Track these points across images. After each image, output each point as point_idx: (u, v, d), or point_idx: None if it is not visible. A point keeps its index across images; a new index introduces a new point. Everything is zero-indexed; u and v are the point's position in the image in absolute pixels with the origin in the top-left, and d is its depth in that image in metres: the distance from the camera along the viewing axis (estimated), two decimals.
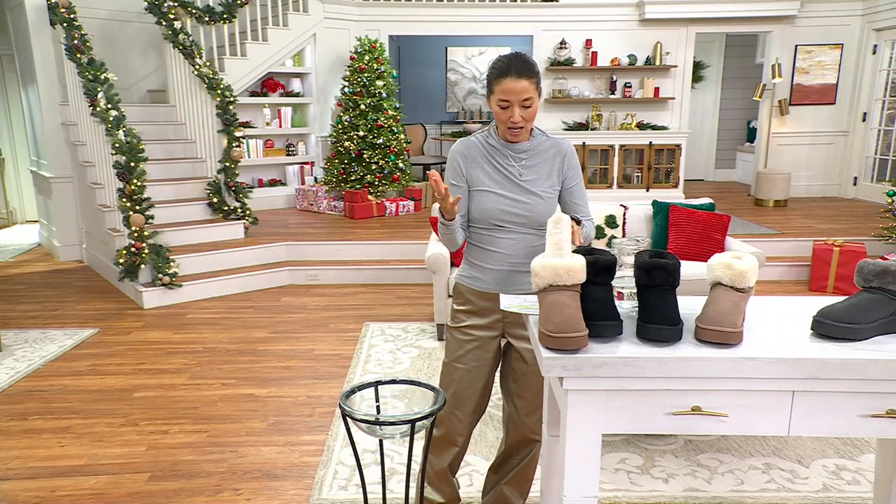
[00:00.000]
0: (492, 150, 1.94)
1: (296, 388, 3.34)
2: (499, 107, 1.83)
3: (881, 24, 7.11)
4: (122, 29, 6.73)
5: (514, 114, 1.81)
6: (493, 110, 1.87)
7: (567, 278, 1.44)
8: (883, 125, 7.41)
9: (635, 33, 7.59)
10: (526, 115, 1.83)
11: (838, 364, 1.34)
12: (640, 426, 1.45)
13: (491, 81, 1.85)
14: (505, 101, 1.81)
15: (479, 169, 1.93)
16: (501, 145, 1.93)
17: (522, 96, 1.80)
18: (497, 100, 1.83)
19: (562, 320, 1.41)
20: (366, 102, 6.75)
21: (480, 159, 1.94)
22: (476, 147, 1.96)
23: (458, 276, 2.07)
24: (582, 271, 1.45)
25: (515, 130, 1.86)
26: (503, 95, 1.80)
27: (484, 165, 1.93)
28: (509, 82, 1.79)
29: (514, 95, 1.79)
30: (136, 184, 4.56)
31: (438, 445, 2.11)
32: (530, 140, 1.94)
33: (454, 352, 2.04)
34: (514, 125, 1.84)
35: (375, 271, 5.33)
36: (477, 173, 1.93)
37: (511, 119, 1.82)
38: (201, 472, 2.54)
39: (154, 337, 4.07)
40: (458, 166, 1.95)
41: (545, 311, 1.45)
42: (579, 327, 1.40)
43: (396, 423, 1.70)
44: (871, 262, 1.45)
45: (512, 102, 1.80)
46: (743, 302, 1.51)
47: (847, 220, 6.31)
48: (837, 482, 2.47)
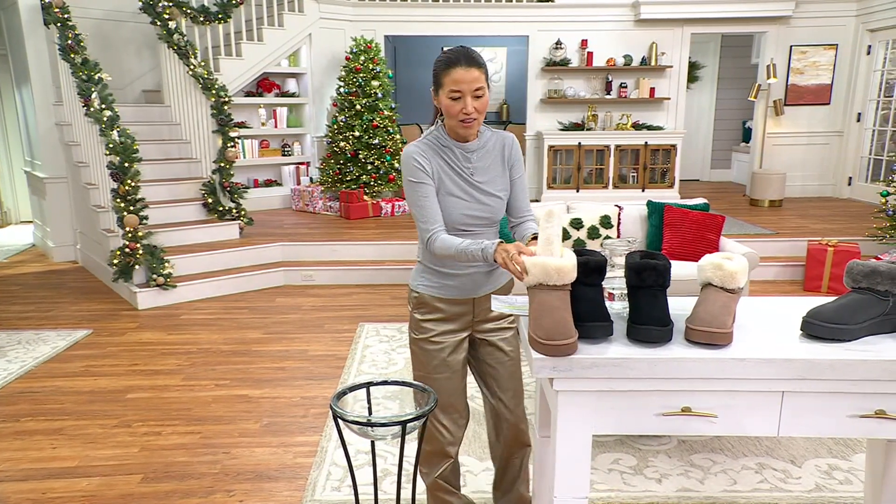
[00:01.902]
0: (445, 150, 1.85)
1: (290, 388, 3.33)
2: (450, 98, 1.75)
3: (875, 25, 7.13)
4: (117, 29, 6.71)
5: (466, 104, 1.74)
6: (443, 105, 1.78)
7: (557, 278, 1.43)
8: (877, 125, 7.43)
9: (631, 33, 7.60)
10: (478, 105, 1.75)
11: (827, 365, 1.35)
12: (631, 427, 1.45)
13: (439, 74, 1.77)
14: (457, 92, 1.73)
15: (440, 170, 1.85)
16: (454, 145, 1.85)
17: (474, 86, 1.73)
18: (448, 91, 1.74)
19: (551, 326, 1.40)
20: (361, 103, 6.75)
21: (439, 160, 1.85)
22: (431, 147, 1.85)
23: (420, 286, 1.94)
24: (573, 271, 1.44)
25: (468, 122, 1.77)
26: (454, 86, 1.73)
27: (444, 167, 1.85)
28: (460, 72, 1.73)
29: (465, 85, 1.72)
30: (131, 184, 4.54)
31: (432, 460, 2.06)
32: (479, 138, 1.88)
33: (428, 364, 1.96)
34: (467, 116, 1.75)
35: (371, 272, 5.33)
36: (439, 173, 1.84)
37: (464, 110, 1.74)
38: (194, 473, 2.54)
39: (148, 338, 4.06)
40: (421, 166, 1.81)
41: (535, 314, 1.44)
42: (569, 333, 1.40)
43: (388, 425, 1.70)
44: (861, 263, 1.45)
45: (464, 92, 1.73)
46: (733, 303, 1.51)
47: (841, 220, 6.33)
48: (830, 482, 2.47)
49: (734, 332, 1.50)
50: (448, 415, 2.01)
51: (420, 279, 1.95)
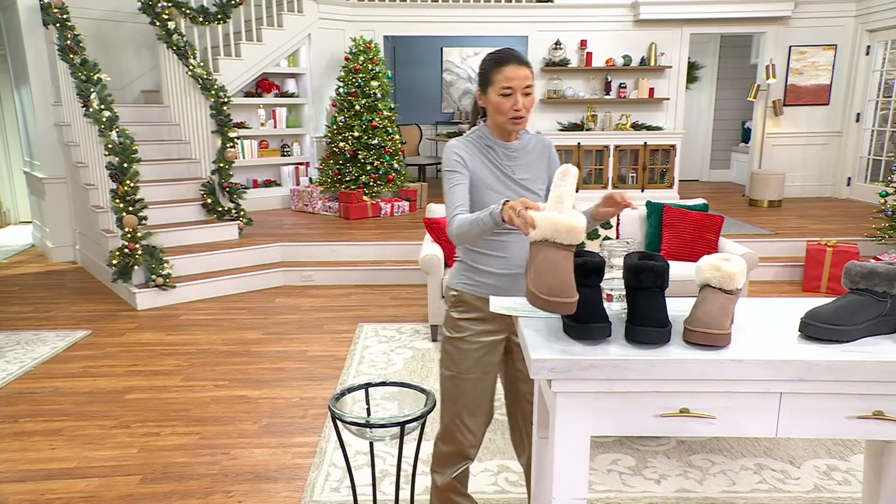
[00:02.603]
0: (488, 150, 1.89)
1: (289, 389, 3.33)
2: (501, 95, 1.79)
3: (874, 25, 7.14)
4: (116, 29, 6.71)
5: (517, 101, 1.79)
6: (492, 102, 1.82)
7: (566, 237, 1.40)
8: (876, 126, 7.43)
9: (630, 34, 7.60)
10: (527, 103, 1.81)
11: (825, 366, 1.35)
12: (629, 428, 1.45)
13: (489, 73, 1.82)
14: (508, 89, 1.78)
15: (480, 170, 1.88)
16: (497, 145, 1.89)
17: (524, 83, 1.79)
18: (499, 88, 1.79)
19: (555, 283, 1.36)
20: (360, 103, 6.75)
21: (481, 156, 1.89)
22: (473, 145, 1.90)
23: (459, 284, 1.95)
24: (582, 233, 1.41)
25: (518, 119, 1.82)
26: (506, 83, 1.78)
27: (486, 163, 1.89)
28: (512, 69, 1.78)
29: (517, 82, 1.78)
30: (130, 185, 4.54)
31: (449, 461, 2.04)
32: (520, 139, 1.92)
33: (461, 363, 1.95)
34: (517, 113, 1.80)
35: (370, 272, 5.33)
36: (480, 169, 1.88)
37: (514, 106, 1.79)
38: (193, 474, 2.54)
39: (147, 338, 4.06)
40: (461, 158, 1.87)
41: (538, 269, 1.39)
42: (571, 293, 1.36)
43: (386, 426, 1.70)
44: (859, 264, 1.45)
45: (515, 89, 1.78)
46: (731, 304, 1.51)
47: (841, 220, 6.33)
48: (828, 482, 2.47)
49: (733, 334, 1.50)
50: (474, 417, 2.00)
51: (459, 277, 1.96)
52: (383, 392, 2.16)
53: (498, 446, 2.76)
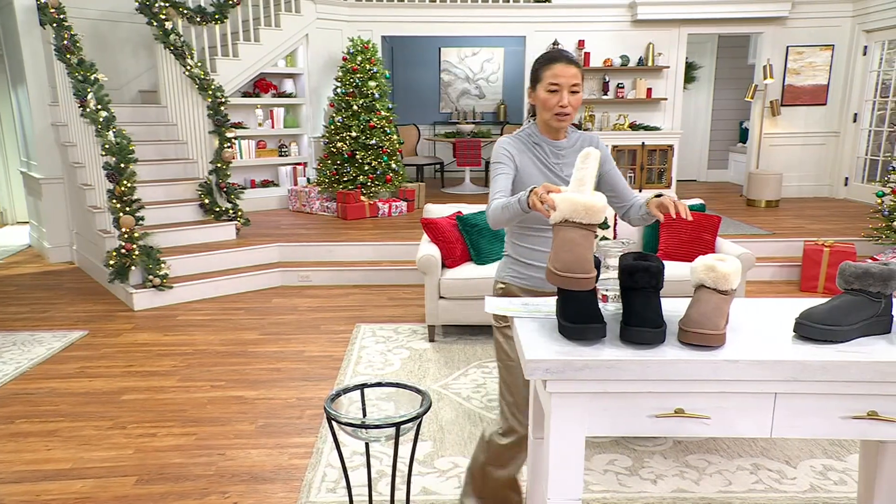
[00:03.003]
0: (536, 147, 1.97)
1: (285, 390, 3.33)
2: (548, 91, 1.87)
3: (871, 26, 7.15)
4: (113, 29, 6.70)
5: (563, 98, 1.86)
6: (539, 99, 1.91)
7: (585, 216, 1.42)
8: (873, 126, 7.44)
9: (628, 34, 7.60)
10: (573, 101, 1.88)
11: (819, 366, 1.35)
12: (624, 429, 1.45)
13: (539, 70, 1.90)
14: (555, 86, 1.86)
15: (529, 163, 1.96)
16: (545, 142, 1.97)
17: (572, 81, 1.86)
18: (547, 84, 1.87)
19: (571, 259, 1.39)
20: (358, 103, 6.75)
21: (529, 153, 1.97)
22: (523, 141, 1.98)
23: (507, 277, 2.04)
24: (602, 212, 1.43)
25: (563, 116, 1.89)
26: (553, 80, 1.86)
27: (534, 161, 1.96)
28: (560, 67, 1.86)
29: (563, 79, 1.85)
30: (126, 185, 4.54)
31: (511, 453, 2.04)
32: (568, 137, 1.99)
33: (511, 351, 2.00)
34: (562, 109, 1.87)
35: (367, 272, 5.33)
36: (527, 166, 1.96)
37: (560, 103, 1.86)
38: (189, 475, 2.53)
39: (144, 339, 4.06)
40: (509, 153, 1.95)
41: (556, 247, 1.43)
42: (588, 268, 1.39)
43: (381, 426, 1.70)
44: (853, 265, 1.45)
45: (562, 86, 1.85)
46: (725, 304, 1.51)
47: (838, 220, 6.34)
48: (825, 482, 2.47)
49: (728, 334, 1.50)
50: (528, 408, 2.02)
51: (507, 270, 2.05)
52: (379, 392, 2.15)
53: None
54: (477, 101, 10.38)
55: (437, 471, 2.59)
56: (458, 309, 3.93)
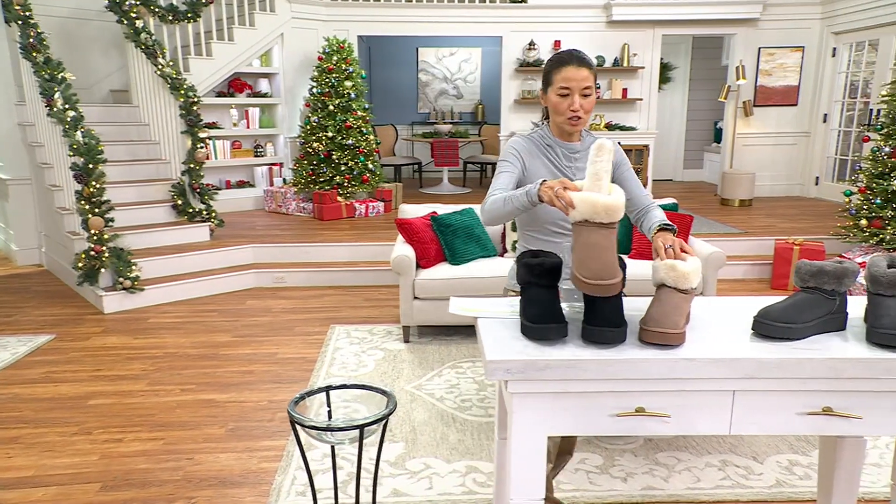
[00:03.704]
0: (548, 149, 1.94)
1: (257, 392, 3.29)
2: (559, 95, 1.83)
3: (839, 28, 7.29)
4: (82, 27, 6.58)
5: (574, 101, 1.82)
6: (550, 102, 1.87)
7: (605, 216, 1.40)
8: (842, 126, 7.59)
9: (603, 35, 7.66)
10: (585, 104, 1.83)
11: (774, 363, 1.36)
12: (586, 428, 1.45)
13: (549, 73, 1.86)
14: (565, 89, 1.82)
15: (539, 165, 1.92)
16: (557, 144, 1.93)
17: (583, 84, 1.82)
18: (557, 88, 1.83)
19: (599, 267, 1.39)
20: (334, 103, 6.70)
21: (541, 156, 1.93)
22: (534, 144, 1.94)
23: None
24: (621, 209, 1.41)
25: (574, 120, 1.85)
26: (564, 83, 1.82)
27: (545, 163, 1.92)
28: (571, 70, 1.81)
29: (575, 83, 1.81)
30: (95, 186, 4.45)
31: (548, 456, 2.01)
32: (581, 141, 1.95)
33: None
34: (573, 113, 1.83)
35: (343, 273, 5.29)
36: (538, 168, 1.92)
37: (571, 107, 1.82)
38: (155, 480, 2.49)
39: (113, 342, 3.98)
40: (517, 153, 1.92)
41: (580, 252, 1.42)
42: (615, 273, 1.40)
43: (345, 429, 1.68)
44: (808, 263, 1.47)
45: (573, 90, 1.82)
46: (685, 303, 1.52)
47: (808, 219, 6.45)
48: (790, 477, 2.51)
49: (689, 333, 1.51)
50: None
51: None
52: (351, 394, 2.14)
53: (467, 447, 2.76)
54: (455, 102, 10.38)
55: (408, 472, 2.58)
56: (432, 309, 3.92)
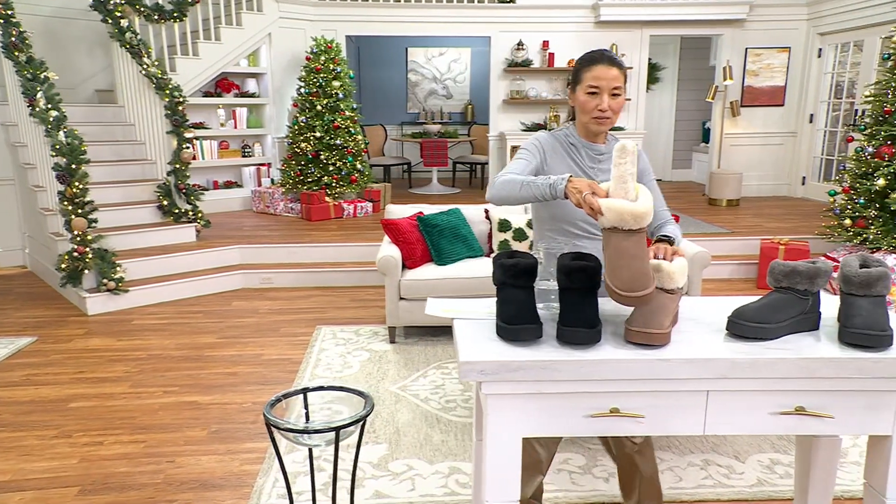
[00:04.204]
0: (571, 147, 1.91)
1: (240, 394, 3.27)
2: (587, 94, 1.81)
3: (825, 29, 7.34)
4: (67, 26, 6.52)
5: (602, 101, 1.79)
6: (578, 101, 1.84)
7: (633, 223, 1.40)
8: (828, 126, 7.64)
9: (591, 35, 7.67)
10: (614, 104, 1.81)
11: (747, 363, 1.37)
12: (560, 429, 1.45)
13: (579, 71, 1.84)
14: (594, 88, 1.79)
15: (561, 163, 1.89)
16: (582, 145, 1.91)
17: (612, 84, 1.79)
18: (586, 87, 1.81)
19: (630, 277, 1.39)
20: (322, 103, 6.68)
21: (563, 154, 1.91)
22: (558, 142, 1.92)
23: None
24: (649, 215, 1.40)
25: (602, 119, 1.82)
26: (593, 82, 1.79)
27: (568, 162, 1.90)
28: (601, 69, 1.79)
29: (604, 82, 1.78)
30: (78, 186, 4.41)
31: (522, 476, 1.97)
32: (607, 143, 1.93)
33: None
34: (601, 113, 1.81)
35: (331, 274, 5.27)
36: (559, 165, 1.89)
37: (599, 106, 1.80)
38: (135, 484, 2.47)
39: (96, 344, 3.95)
40: (541, 147, 1.89)
41: (611, 259, 1.42)
42: (648, 283, 1.39)
43: (321, 431, 1.67)
44: (781, 263, 1.48)
45: (602, 89, 1.79)
46: (671, 303, 1.52)
47: (794, 218, 6.49)
48: (771, 476, 2.52)
49: (673, 333, 1.51)
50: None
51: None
52: (332, 396, 2.12)
53: (450, 448, 2.75)
54: (444, 102, 10.37)
55: (390, 474, 2.57)
56: (418, 310, 3.91)
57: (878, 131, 4.74)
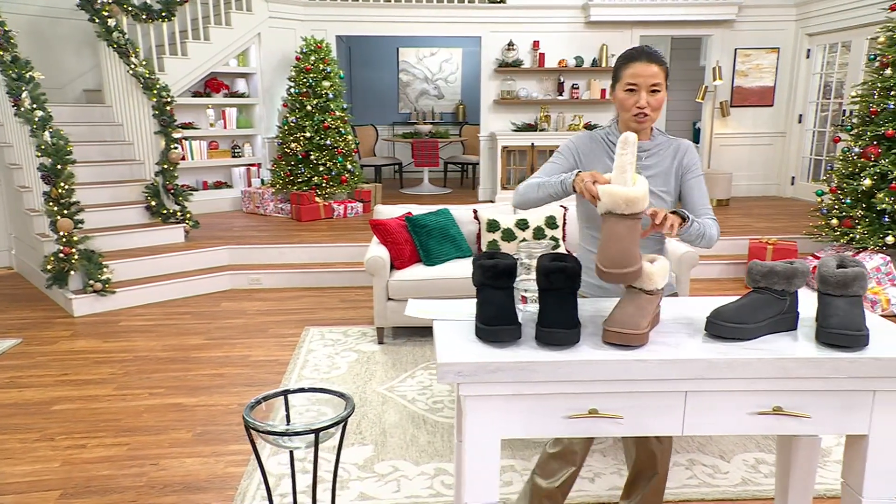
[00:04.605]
0: (612, 146, 1.91)
1: (227, 396, 3.25)
2: (626, 91, 1.80)
3: (814, 30, 7.38)
4: (54, 26, 6.47)
5: (640, 98, 1.78)
6: (618, 99, 1.84)
7: (625, 208, 1.43)
8: (817, 127, 7.69)
9: (581, 35, 7.69)
10: (653, 101, 1.79)
11: (725, 364, 1.37)
12: (539, 430, 1.45)
13: (619, 69, 1.83)
14: (633, 85, 1.78)
15: (599, 164, 1.89)
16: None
17: (651, 81, 1.77)
18: (625, 84, 1.80)
19: (616, 254, 1.42)
20: (312, 103, 6.66)
21: (602, 154, 1.91)
22: (598, 142, 1.93)
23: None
24: (643, 200, 1.43)
25: (641, 117, 1.80)
26: (631, 79, 1.78)
27: (606, 161, 1.90)
28: (640, 66, 1.78)
29: (642, 79, 1.77)
30: (64, 187, 4.38)
31: (553, 465, 1.98)
32: (651, 139, 1.91)
33: None
34: (640, 110, 1.79)
35: (320, 274, 5.26)
36: (597, 162, 1.90)
37: (638, 104, 1.78)
38: (117, 487, 2.45)
39: (81, 346, 3.92)
40: (575, 149, 1.94)
41: (603, 241, 1.46)
42: (631, 261, 1.42)
43: (301, 433, 1.66)
44: (760, 264, 1.48)
45: (640, 86, 1.78)
46: (650, 304, 1.52)
47: (783, 218, 6.52)
48: (755, 476, 2.53)
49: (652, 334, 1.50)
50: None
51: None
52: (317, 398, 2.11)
53: (436, 449, 2.75)
54: (436, 102, 10.37)
55: (376, 475, 2.56)
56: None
57: (864, 132, 4.77)
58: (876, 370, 1.34)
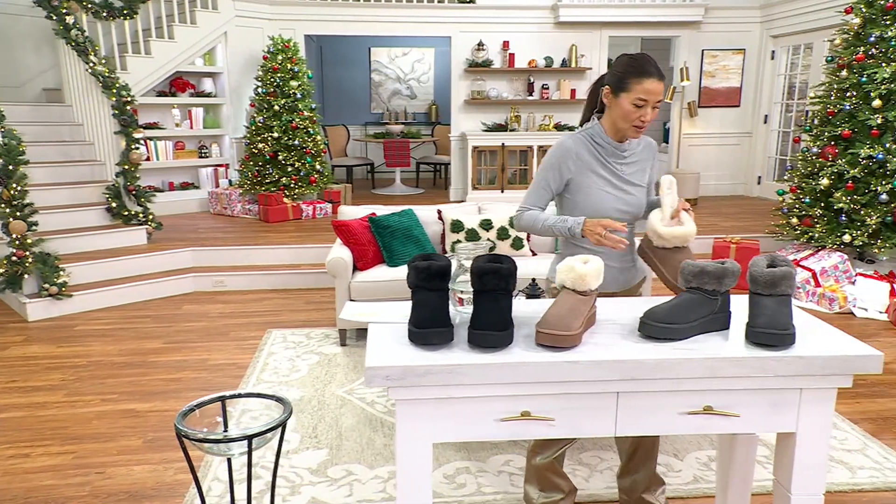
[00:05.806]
0: (600, 149, 1.97)
1: (182, 401, 3.19)
2: (634, 105, 1.84)
3: (777, 32, 7.50)
4: (13, 23, 6.31)
5: (647, 113, 1.85)
6: (621, 108, 1.86)
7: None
8: (782, 127, 7.81)
9: (551, 35, 7.71)
10: (652, 116, 1.88)
11: (653, 364, 1.36)
12: (471, 434, 1.43)
13: (627, 79, 1.84)
14: (642, 101, 1.83)
15: (589, 171, 1.96)
16: (607, 143, 1.96)
17: (657, 98, 1.85)
18: (634, 98, 1.84)
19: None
20: (280, 103, 6.59)
21: (591, 159, 1.97)
22: (585, 146, 1.97)
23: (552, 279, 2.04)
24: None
25: (640, 129, 1.90)
26: (644, 95, 1.82)
27: (595, 167, 1.96)
28: (652, 83, 1.82)
29: (653, 96, 1.83)
30: (16, 188, 4.26)
31: (550, 442, 2.05)
32: (628, 141, 2.00)
33: None
34: (643, 124, 1.88)
35: (286, 276, 5.19)
36: (587, 175, 1.96)
37: (642, 118, 1.86)
38: (59, 497, 2.38)
39: (34, 352, 3.82)
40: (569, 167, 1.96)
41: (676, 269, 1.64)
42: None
43: (235, 440, 1.63)
44: (691, 263, 1.48)
45: (648, 102, 1.84)
46: (583, 305, 1.51)
47: (748, 217, 6.61)
48: (707, 473, 2.54)
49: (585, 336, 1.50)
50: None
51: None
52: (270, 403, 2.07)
53: (392, 452, 2.72)
54: (409, 102, 10.33)
55: (328, 479, 2.52)
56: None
57: (822, 132, 4.85)
58: (802, 368, 1.35)
